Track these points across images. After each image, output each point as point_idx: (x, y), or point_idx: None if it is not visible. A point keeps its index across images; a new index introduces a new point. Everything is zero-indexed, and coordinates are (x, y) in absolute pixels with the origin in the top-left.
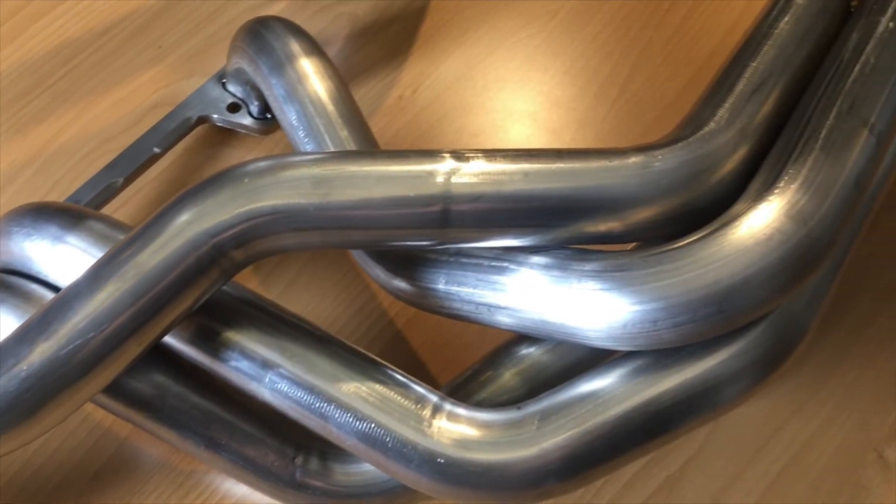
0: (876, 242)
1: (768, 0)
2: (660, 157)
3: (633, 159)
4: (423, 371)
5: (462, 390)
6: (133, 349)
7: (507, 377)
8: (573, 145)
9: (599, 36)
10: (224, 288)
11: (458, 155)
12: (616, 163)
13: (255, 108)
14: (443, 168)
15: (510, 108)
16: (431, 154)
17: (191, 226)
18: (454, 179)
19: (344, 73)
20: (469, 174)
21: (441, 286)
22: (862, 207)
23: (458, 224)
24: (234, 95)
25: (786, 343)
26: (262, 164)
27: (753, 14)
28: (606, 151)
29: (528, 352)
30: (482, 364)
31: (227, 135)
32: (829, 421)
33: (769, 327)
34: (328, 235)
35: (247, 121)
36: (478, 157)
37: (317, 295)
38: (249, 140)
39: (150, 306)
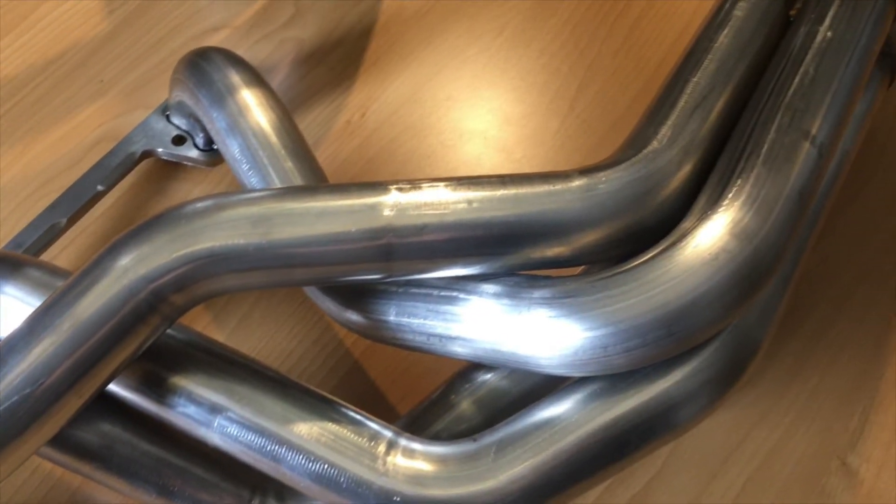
0: (830, 248)
1: (708, 13)
2: (603, 179)
3: (577, 183)
4: (382, 400)
5: (420, 421)
6: (73, 402)
7: (465, 406)
8: (525, 162)
9: (547, 50)
10: (169, 331)
11: (401, 187)
12: (559, 187)
13: (200, 140)
14: (385, 201)
15: (460, 127)
16: (374, 187)
17: (127, 272)
18: (396, 212)
19: (290, 99)
20: (412, 206)
21: (392, 318)
22: (808, 219)
23: (403, 256)
24: (178, 128)
25: (740, 359)
26: (200, 205)
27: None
28: (550, 176)
29: (486, 378)
30: (440, 393)
31: (173, 168)
32: (791, 430)
33: (722, 345)
34: (271, 275)
35: (193, 153)
36: (420, 188)
37: (272, 328)
38: (196, 172)
39: (88, 358)
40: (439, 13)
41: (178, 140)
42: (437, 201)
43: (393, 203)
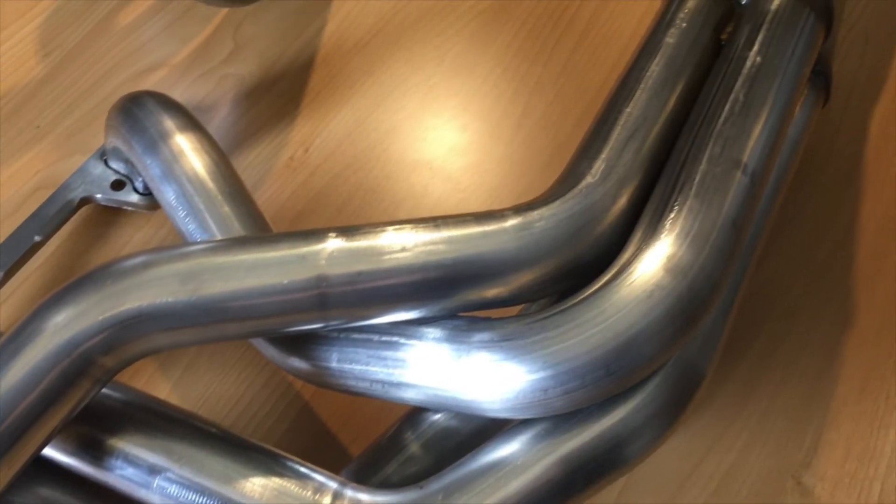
0: (774, 266)
1: (640, 40)
2: (538, 217)
3: (511, 222)
4: (333, 442)
5: (370, 465)
6: (4, 473)
7: (415, 448)
8: (471, 191)
9: (490, 77)
10: (105, 390)
11: (334, 234)
12: (494, 228)
13: (140, 184)
14: (317, 250)
15: (405, 158)
16: (306, 236)
17: (53, 337)
18: (330, 261)
19: (232, 137)
20: (345, 254)
21: (334, 364)
22: (745, 246)
23: (339, 305)
24: (117, 172)
25: (684, 391)
26: (127, 263)
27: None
28: (484, 216)
29: (435, 419)
30: (390, 435)
31: (113, 213)
32: (746, 451)
33: (665, 379)
34: (203, 331)
35: (133, 197)
36: (353, 235)
37: (219, 374)
38: (137, 217)
39: (17, 427)
40: (380, 43)
41: (118, 185)
42: (370, 248)
43: (326, 252)
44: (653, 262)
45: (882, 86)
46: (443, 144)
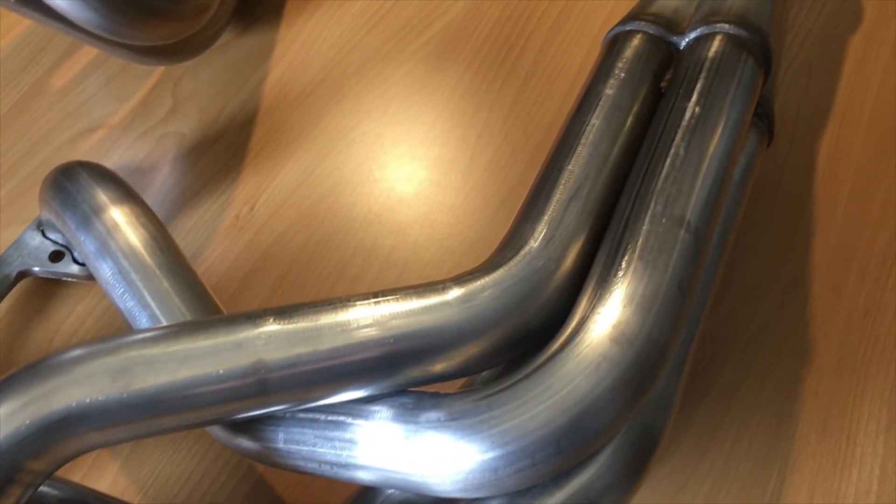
0: (730, 304)
1: (580, 91)
2: (481, 287)
3: (454, 295)
4: None
5: None
6: None
7: None
8: (420, 243)
9: (436, 123)
10: (42, 488)
11: (271, 317)
12: (436, 301)
13: (79, 254)
14: (254, 334)
15: (353, 213)
16: (242, 321)
17: None
18: (267, 345)
19: (175, 198)
20: (282, 337)
21: (281, 445)
22: (693, 306)
23: (279, 390)
24: (55, 243)
25: (640, 456)
26: (54, 360)
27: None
28: (425, 289)
29: (390, 493)
30: None
31: (53, 285)
32: (711, 497)
33: (619, 447)
34: (138, 427)
35: (73, 268)
36: (291, 316)
37: (169, 449)
38: (79, 287)
39: None
40: (323, 93)
41: (56, 256)
42: (308, 330)
43: (263, 336)
44: (599, 332)
45: (827, 115)
46: (391, 196)
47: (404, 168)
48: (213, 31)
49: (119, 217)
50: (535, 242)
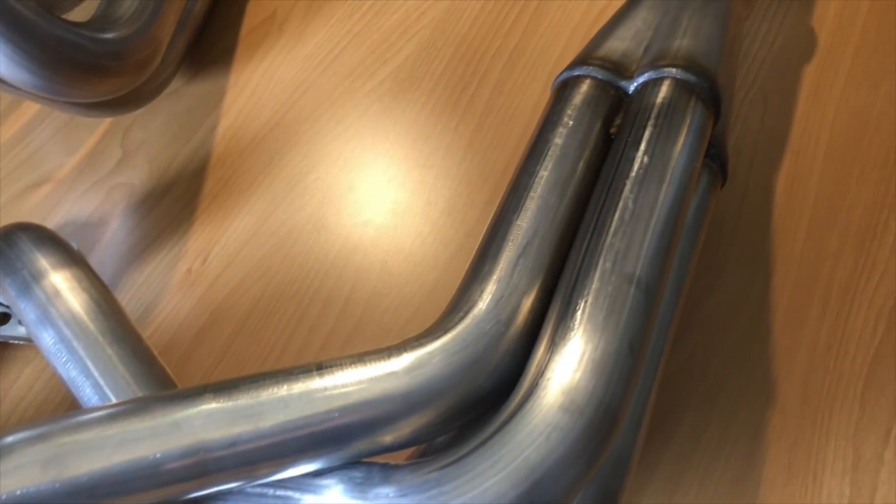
0: (693, 343)
1: (528, 141)
2: (428, 354)
3: (401, 363)
4: None
5: None
6: None
7: None
8: (376, 293)
9: (390, 167)
10: None
11: (208, 394)
12: (382, 371)
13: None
14: (192, 413)
15: (308, 262)
16: (179, 400)
17: None
18: (206, 425)
19: (125, 252)
20: (222, 415)
21: None
22: (648, 358)
23: (221, 470)
24: (1, 304)
25: None
26: None
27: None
28: (370, 358)
29: None
30: None
31: (1, 348)
32: None
33: None
34: None
35: (19, 331)
36: (230, 393)
37: None
38: (27, 350)
39: None
40: (276, 139)
41: (2, 318)
42: (249, 407)
43: (201, 416)
44: (548, 400)
45: (784, 145)
46: (346, 243)
47: (360, 214)
48: (160, 80)
49: (60, 283)
50: (483, 304)
